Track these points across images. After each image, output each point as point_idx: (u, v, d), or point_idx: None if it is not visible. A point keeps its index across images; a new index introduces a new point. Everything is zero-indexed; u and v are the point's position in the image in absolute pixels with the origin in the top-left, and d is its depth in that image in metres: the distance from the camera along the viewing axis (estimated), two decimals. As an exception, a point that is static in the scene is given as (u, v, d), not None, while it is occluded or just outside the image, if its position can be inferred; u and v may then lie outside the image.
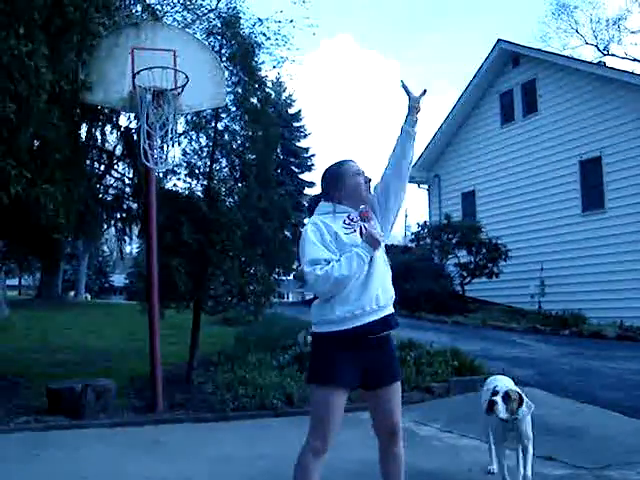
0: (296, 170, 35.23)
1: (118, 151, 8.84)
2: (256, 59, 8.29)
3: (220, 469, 4.62)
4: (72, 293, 35.01)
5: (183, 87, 6.68)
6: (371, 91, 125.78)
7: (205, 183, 7.84)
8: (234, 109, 8.06)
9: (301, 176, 35.44)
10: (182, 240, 7.09)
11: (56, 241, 8.21)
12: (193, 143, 7.88)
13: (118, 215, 9.03)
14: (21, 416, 6.08)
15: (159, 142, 6.67)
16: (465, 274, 16.68)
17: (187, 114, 7.54)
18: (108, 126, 8.53)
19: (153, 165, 6.58)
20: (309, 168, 35.80)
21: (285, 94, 34.56)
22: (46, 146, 6.51)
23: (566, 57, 18.48)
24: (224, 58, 7.85)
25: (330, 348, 2.81)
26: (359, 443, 4.50)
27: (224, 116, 8.05)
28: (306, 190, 34.52)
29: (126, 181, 9.07)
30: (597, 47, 31.28)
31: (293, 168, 34.86)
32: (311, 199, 3.18)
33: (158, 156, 6.62)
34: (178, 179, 7.91)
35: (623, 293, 13.50)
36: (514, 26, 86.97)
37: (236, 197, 8.02)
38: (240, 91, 7.96)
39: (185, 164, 7.78)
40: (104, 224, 9.65)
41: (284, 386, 6.88)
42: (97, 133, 8.50)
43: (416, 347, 8.31)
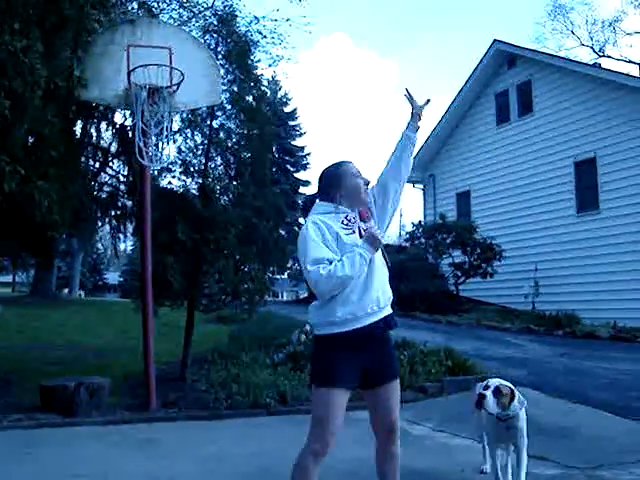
0: (291, 169, 35.24)
1: (113, 148, 8.85)
2: (252, 57, 8.31)
3: (213, 467, 4.62)
4: (66, 290, 34.87)
5: (179, 85, 6.67)
6: (367, 90, 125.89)
7: (200, 181, 7.83)
8: (229, 107, 8.06)
9: (296, 175, 35.44)
10: (177, 238, 7.08)
11: (50, 238, 8.23)
12: (188, 141, 7.89)
13: (113, 212, 9.04)
14: (13, 414, 6.05)
15: (154, 140, 6.65)
16: (459, 274, 16.69)
17: (182, 112, 7.55)
18: (103, 123, 8.54)
19: (148, 163, 6.57)
20: (304, 167, 35.82)
21: (281, 92, 34.53)
22: (41, 143, 6.50)
23: (562, 58, 18.53)
24: (220, 56, 7.85)
25: (331, 349, 2.81)
26: (352, 442, 4.50)
27: (219, 114, 8.05)
28: (301, 189, 34.61)
29: (121, 179, 9.08)
30: (593, 48, 31.37)
31: (288, 167, 34.85)
32: (307, 198, 3.18)
33: (153, 154, 6.61)
34: (173, 177, 7.92)
35: (617, 294, 13.53)
36: (510, 27, 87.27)
37: (231, 195, 8.02)
38: (236, 89, 7.96)
39: (180, 162, 7.77)
40: (99, 221, 9.66)
41: (277, 385, 6.88)
42: (92, 130, 8.52)
43: (410, 346, 8.32)
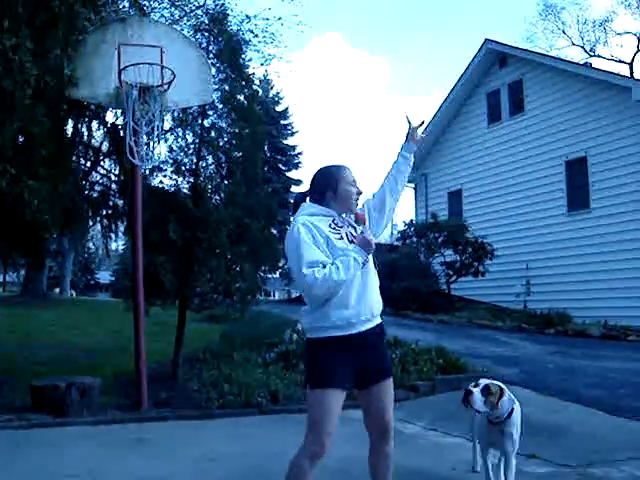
0: (283, 168, 35.24)
1: (104, 147, 8.81)
2: (243, 56, 8.30)
3: (205, 467, 4.61)
4: (57, 290, 34.73)
5: (170, 83, 6.65)
6: (359, 90, 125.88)
7: (191, 180, 7.80)
8: (221, 106, 8.04)
9: (288, 174, 35.46)
10: (168, 237, 7.06)
11: (41, 238, 8.17)
12: (179, 140, 7.85)
13: (104, 212, 9.01)
14: (4, 414, 6.02)
15: (145, 139, 6.63)
16: (451, 273, 16.71)
17: (174, 111, 7.52)
18: (94, 122, 8.50)
19: (139, 162, 6.55)
20: (296, 166, 35.84)
21: (273, 92, 34.55)
22: (31, 142, 6.47)
23: (553, 58, 18.58)
24: (211, 55, 7.82)
25: (324, 352, 2.82)
26: (344, 441, 4.49)
27: (211, 113, 8.02)
28: (293, 188, 34.55)
29: (112, 178, 9.06)
30: (583, 48, 31.56)
31: (280, 166, 34.85)
32: (297, 195, 3.17)
33: (144, 153, 6.58)
34: (164, 176, 7.88)
35: (608, 292, 13.58)
36: (502, 26, 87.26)
37: (222, 194, 8.00)
38: (227, 88, 7.94)
39: (171, 161, 7.73)
40: (90, 221, 9.62)
41: (269, 384, 6.88)
42: (83, 129, 8.47)
43: (402, 345, 8.33)
